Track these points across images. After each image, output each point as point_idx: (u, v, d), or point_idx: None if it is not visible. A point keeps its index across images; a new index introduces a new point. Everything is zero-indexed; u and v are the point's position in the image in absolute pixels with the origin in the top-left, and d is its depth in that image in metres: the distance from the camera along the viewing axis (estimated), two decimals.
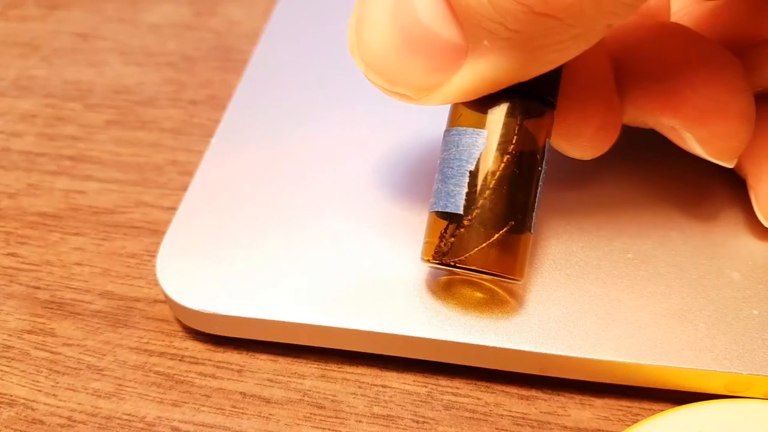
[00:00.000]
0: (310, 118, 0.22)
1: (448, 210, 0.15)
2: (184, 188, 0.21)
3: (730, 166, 0.17)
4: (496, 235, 0.15)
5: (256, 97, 0.23)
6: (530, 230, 0.16)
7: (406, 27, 0.13)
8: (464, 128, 0.15)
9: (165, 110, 0.25)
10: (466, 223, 0.15)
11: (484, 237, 0.15)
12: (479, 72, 0.13)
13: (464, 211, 0.15)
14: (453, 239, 0.15)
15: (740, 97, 0.16)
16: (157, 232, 0.21)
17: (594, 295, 0.17)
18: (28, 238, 0.21)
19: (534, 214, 0.16)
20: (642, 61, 0.17)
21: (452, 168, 0.15)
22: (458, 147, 0.15)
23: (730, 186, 0.20)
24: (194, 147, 0.23)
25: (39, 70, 0.27)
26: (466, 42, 0.13)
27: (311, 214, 0.19)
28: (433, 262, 0.16)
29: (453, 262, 0.15)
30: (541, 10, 0.12)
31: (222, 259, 0.18)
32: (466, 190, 0.15)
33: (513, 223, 0.15)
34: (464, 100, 0.15)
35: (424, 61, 0.14)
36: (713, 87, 0.16)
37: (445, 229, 0.15)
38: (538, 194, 0.16)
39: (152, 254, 0.20)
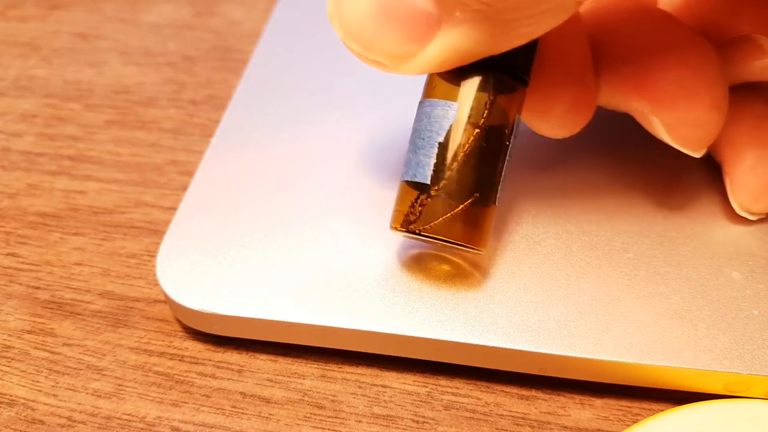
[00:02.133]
0: (310, 118, 0.22)
1: (416, 180, 0.16)
2: (184, 188, 0.21)
3: (697, 155, 0.18)
4: (461, 206, 0.15)
5: (256, 97, 0.23)
6: (494, 203, 0.16)
7: None
8: (436, 100, 0.16)
9: (165, 110, 0.25)
10: (433, 193, 0.15)
11: (449, 207, 0.15)
12: (451, 43, 0.14)
13: (432, 181, 0.15)
14: (421, 208, 0.16)
15: (712, 87, 0.16)
16: (157, 232, 0.21)
17: (594, 295, 0.17)
18: (28, 238, 0.21)
19: (499, 187, 0.16)
20: (618, 42, 0.17)
21: (423, 139, 0.16)
22: (429, 118, 0.16)
23: None
24: (194, 147, 0.23)
25: (39, 70, 0.27)
26: (439, 12, 0.14)
27: (311, 213, 0.19)
28: (400, 230, 0.16)
29: (419, 230, 0.16)
30: None
31: (222, 259, 0.18)
32: (434, 161, 0.15)
33: (478, 195, 0.16)
34: (438, 71, 0.15)
35: (400, 30, 0.14)
36: (684, 73, 0.16)
37: (416, 199, 0.16)
38: (504, 168, 0.16)
39: (152, 254, 0.20)
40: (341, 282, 0.17)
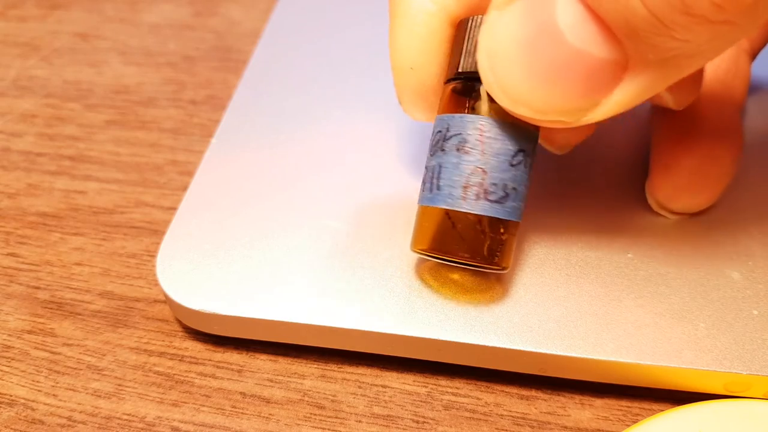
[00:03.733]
0: (310, 118, 0.22)
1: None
2: (184, 188, 0.21)
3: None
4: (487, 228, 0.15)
5: (256, 97, 0.23)
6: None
7: (552, 54, 0.13)
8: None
9: (165, 110, 0.25)
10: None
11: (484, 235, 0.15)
12: (643, 84, 0.13)
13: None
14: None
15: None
16: (157, 232, 0.21)
17: (594, 295, 0.17)
18: (28, 238, 0.21)
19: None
20: None
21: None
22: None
23: (730, 186, 0.20)
24: (194, 147, 0.23)
25: (39, 70, 0.27)
26: (625, 57, 0.13)
27: (311, 213, 0.19)
28: (422, 252, 0.16)
29: (441, 255, 0.16)
30: (716, 18, 0.11)
31: (222, 260, 0.18)
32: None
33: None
34: (624, 111, 0.14)
35: (578, 83, 0.13)
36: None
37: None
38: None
39: (152, 254, 0.20)
40: (341, 282, 0.17)
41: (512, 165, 0.15)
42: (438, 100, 0.17)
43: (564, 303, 0.17)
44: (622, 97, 0.13)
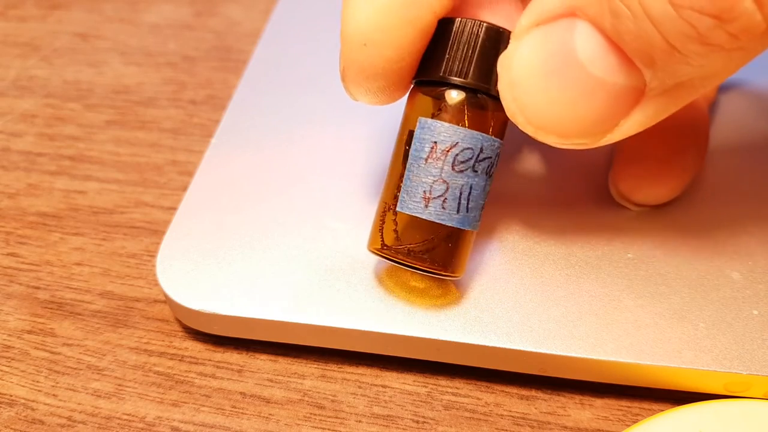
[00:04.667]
0: (310, 118, 0.22)
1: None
2: (184, 188, 0.21)
3: None
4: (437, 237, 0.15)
5: (256, 97, 0.23)
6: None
7: (574, 83, 0.13)
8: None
9: (165, 110, 0.25)
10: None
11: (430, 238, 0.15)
12: (660, 106, 0.13)
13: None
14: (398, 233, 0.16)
15: None
16: (157, 232, 0.21)
17: (594, 295, 0.17)
18: (28, 238, 0.21)
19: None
20: None
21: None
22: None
23: (730, 187, 0.20)
24: (194, 147, 0.23)
25: (39, 70, 0.27)
26: (643, 81, 0.13)
27: (311, 213, 0.19)
28: (376, 253, 0.16)
29: (395, 257, 0.16)
30: (732, 47, 0.12)
31: (222, 259, 0.18)
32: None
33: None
34: (641, 130, 0.14)
35: (600, 110, 0.13)
36: None
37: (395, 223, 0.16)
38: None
39: (152, 254, 0.20)
40: (341, 282, 0.17)
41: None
42: (389, 85, 0.16)
43: (564, 303, 0.17)
44: (641, 117, 0.13)
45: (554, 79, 0.13)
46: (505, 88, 0.14)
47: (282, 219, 0.19)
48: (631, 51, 0.12)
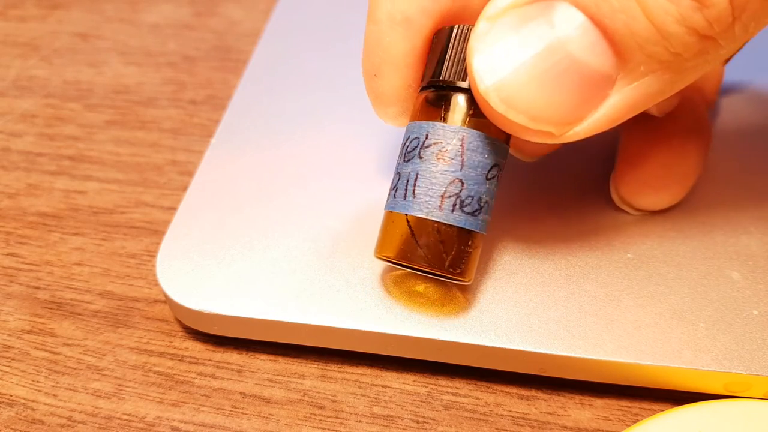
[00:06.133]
0: (310, 118, 0.22)
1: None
2: (184, 188, 0.21)
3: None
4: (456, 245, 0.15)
5: (256, 97, 0.23)
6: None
7: (555, 61, 0.13)
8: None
9: (165, 110, 0.25)
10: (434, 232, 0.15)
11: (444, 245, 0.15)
12: (630, 98, 0.13)
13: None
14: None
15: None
16: (157, 232, 0.21)
17: (594, 295, 0.17)
18: (28, 238, 0.21)
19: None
20: None
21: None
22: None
23: (730, 187, 0.20)
24: (194, 147, 0.23)
25: (39, 70, 0.27)
26: (616, 70, 0.13)
27: (311, 213, 0.19)
28: (386, 259, 0.16)
29: (406, 263, 0.15)
30: (706, 33, 0.12)
31: (222, 259, 0.18)
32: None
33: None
34: (604, 130, 0.14)
35: (572, 94, 0.13)
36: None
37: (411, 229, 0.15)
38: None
39: (152, 254, 0.20)
40: (341, 282, 0.17)
41: (488, 179, 0.15)
42: (406, 109, 0.17)
43: (564, 303, 0.17)
44: (612, 109, 0.13)
45: (534, 54, 0.13)
46: (477, 60, 0.14)
47: (282, 219, 0.19)
48: (614, 30, 0.12)
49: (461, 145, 0.15)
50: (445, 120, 0.15)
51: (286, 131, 0.22)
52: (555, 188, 0.20)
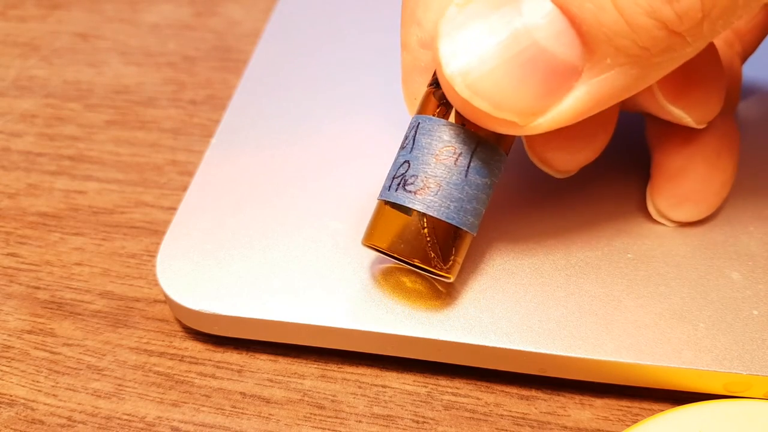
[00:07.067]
0: (310, 118, 0.22)
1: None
2: (184, 188, 0.21)
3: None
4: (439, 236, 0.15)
5: (256, 97, 0.23)
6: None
7: (521, 48, 0.13)
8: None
9: (165, 110, 0.25)
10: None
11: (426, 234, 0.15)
12: (595, 91, 0.13)
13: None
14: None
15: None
16: (157, 232, 0.21)
17: (594, 295, 0.17)
18: (28, 238, 0.21)
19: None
20: None
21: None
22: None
23: (731, 187, 0.20)
24: (194, 147, 0.23)
25: (39, 70, 0.27)
26: (582, 62, 0.13)
27: (311, 213, 0.19)
28: (371, 247, 0.16)
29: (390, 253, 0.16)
30: (675, 28, 0.12)
31: (222, 260, 0.18)
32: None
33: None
34: (569, 124, 0.14)
35: (537, 84, 0.13)
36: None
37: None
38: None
39: (152, 254, 0.20)
40: (341, 282, 0.17)
41: (438, 160, 0.15)
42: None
43: (564, 303, 0.17)
44: (576, 102, 0.13)
45: (501, 41, 0.13)
46: (443, 45, 0.13)
47: (282, 219, 0.19)
48: (582, 20, 0.12)
49: (414, 131, 0.15)
50: (437, 114, 0.15)
51: (286, 131, 0.22)
52: (555, 189, 0.20)
